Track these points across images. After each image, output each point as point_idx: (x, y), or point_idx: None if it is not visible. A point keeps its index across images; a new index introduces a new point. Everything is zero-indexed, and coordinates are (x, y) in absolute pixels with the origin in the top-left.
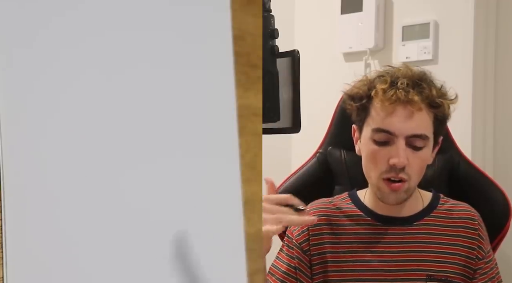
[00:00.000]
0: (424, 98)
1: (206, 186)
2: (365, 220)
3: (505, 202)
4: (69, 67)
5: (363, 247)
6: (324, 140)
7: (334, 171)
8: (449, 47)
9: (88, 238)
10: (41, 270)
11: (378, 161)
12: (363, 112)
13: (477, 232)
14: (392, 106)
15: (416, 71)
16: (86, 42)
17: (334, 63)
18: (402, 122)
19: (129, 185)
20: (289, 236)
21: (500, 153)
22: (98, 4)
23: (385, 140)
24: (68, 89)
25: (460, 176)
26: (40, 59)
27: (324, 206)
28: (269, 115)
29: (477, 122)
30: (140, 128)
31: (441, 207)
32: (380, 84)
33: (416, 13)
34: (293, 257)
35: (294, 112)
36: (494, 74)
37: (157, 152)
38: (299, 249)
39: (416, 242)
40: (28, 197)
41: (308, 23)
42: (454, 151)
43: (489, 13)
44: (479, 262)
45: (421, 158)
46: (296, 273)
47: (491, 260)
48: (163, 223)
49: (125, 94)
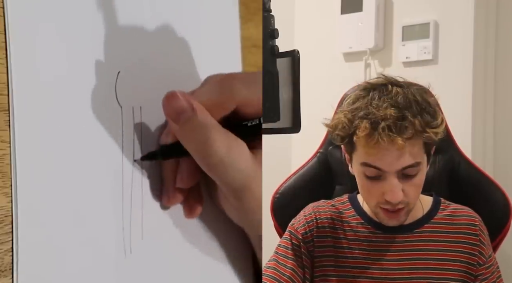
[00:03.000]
0: (408, 137)
1: None
2: (366, 227)
3: (505, 202)
4: None
5: (364, 254)
6: (324, 140)
7: (334, 171)
8: (449, 47)
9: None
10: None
11: (373, 194)
12: (348, 146)
13: (478, 237)
14: (377, 151)
15: (397, 103)
16: None
17: (334, 63)
18: (389, 160)
19: None
20: (292, 232)
21: (500, 153)
22: None
23: (375, 175)
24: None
25: (461, 176)
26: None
27: (329, 209)
28: (269, 115)
29: (477, 122)
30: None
31: (441, 213)
32: (361, 131)
33: (416, 13)
34: (299, 254)
35: (294, 112)
36: (494, 74)
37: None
38: (305, 247)
39: (417, 250)
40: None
41: (308, 23)
42: (454, 151)
43: (489, 13)
44: (480, 268)
45: (417, 184)
46: (304, 271)
47: (492, 264)
48: None
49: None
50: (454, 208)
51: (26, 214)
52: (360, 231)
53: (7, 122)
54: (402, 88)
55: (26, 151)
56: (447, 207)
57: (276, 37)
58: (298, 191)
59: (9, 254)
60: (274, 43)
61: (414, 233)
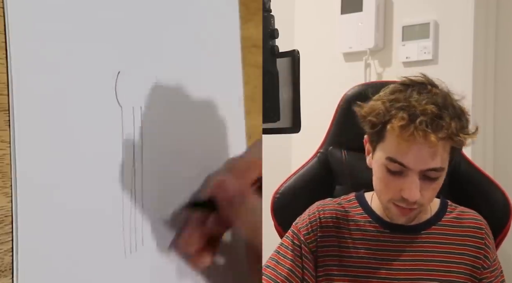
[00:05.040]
0: (442, 137)
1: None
2: (373, 226)
3: (505, 202)
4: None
5: (370, 254)
6: (325, 140)
7: (334, 171)
8: (449, 47)
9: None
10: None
11: (390, 189)
12: (376, 135)
13: (483, 241)
14: (408, 145)
15: (437, 101)
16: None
17: (334, 63)
18: (417, 158)
19: None
20: (295, 232)
21: (500, 153)
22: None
23: (398, 171)
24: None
25: (461, 176)
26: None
27: (334, 207)
28: (269, 115)
29: (477, 122)
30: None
31: (448, 215)
32: (397, 119)
33: (416, 13)
34: (299, 255)
35: (294, 112)
36: (494, 74)
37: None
38: (306, 247)
39: (423, 251)
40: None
41: (308, 23)
42: None
43: (489, 13)
44: (484, 272)
45: (435, 188)
46: (303, 272)
47: (497, 268)
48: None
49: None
50: (460, 211)
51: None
52: (367, 229)
53: (7, 122)
54: (441, 90)
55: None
56: (454, 210)
57: (276, 37)
58: (298, 191)
59: (9, 254)
60: (274, 43)
61: (421, 234)
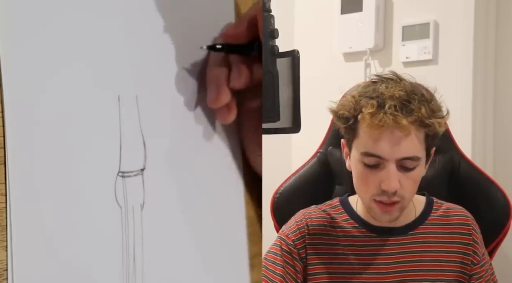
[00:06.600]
0: (413, 121)
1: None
2: (360, 231)
3: (505, 202)
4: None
5: (359, 259)
6: (324, 140)
7: (334, 171)
8: (449, 47)
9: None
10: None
11: (369, 184)
12: (351, 132)
13: (471, 237)
14: (380, 132)
15: (405, 88)
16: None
17: (334, 63)
18: (391, 147)
19: None
20: (283, 238)
21: (500, 153)
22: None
23: (375, 164)
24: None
25: (461, 176)
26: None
27: (320, 215)
28: (269, 115)
29: (477, 122)
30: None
31: (435, 213)
32: (367, 108)
33: (416, 13)
34: (290, 260)
35: (294, 112)
36: (494, 74)
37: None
38: (296, 252)
39: (412, 252)
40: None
41: (308, 23)
42: (454, 151)
43: (489, 13)
44: (474, 267)
45: (413, 178)
46: (297, 277)
47: (486, 262)
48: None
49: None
50: (446, 208)
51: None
52: (354, 235)
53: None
54: (410, 83)
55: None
56: (439, 207)
57: (276, 37)
58: (298, 191)
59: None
60: (274, 43)
61: (408, 235)
